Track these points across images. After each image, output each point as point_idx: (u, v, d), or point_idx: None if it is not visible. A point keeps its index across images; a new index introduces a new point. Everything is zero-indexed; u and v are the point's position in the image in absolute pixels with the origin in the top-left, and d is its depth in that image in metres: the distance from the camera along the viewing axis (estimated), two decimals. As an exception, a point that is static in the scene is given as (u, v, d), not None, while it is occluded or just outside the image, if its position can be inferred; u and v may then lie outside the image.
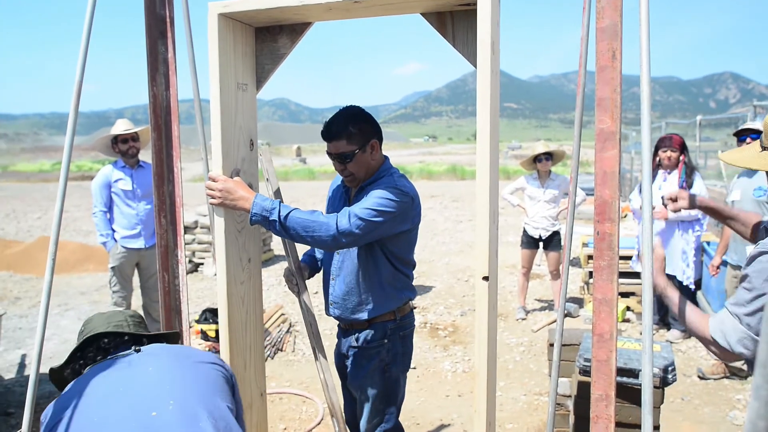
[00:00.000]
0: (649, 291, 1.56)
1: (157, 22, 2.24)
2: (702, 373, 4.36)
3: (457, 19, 1.97)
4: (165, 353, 1.76)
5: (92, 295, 7.23)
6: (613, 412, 1.86)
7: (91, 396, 1.58)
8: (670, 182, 5.12)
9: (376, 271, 2.34)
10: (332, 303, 2.42)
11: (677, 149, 5.08)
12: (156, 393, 1.57)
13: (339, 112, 2.27)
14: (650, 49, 1.54)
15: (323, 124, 2.26)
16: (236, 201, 2.01)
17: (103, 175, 4.62)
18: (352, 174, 2.28)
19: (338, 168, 2.29)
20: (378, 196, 2.14)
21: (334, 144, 2.23)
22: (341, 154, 2.23)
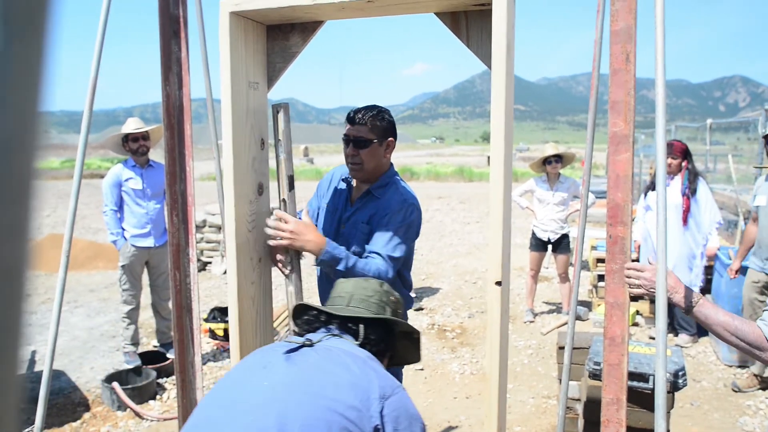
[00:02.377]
0: (663, 295, 1.55)
1: (171, 21, 2.25)
2: (737, 387, 4.25)
3: (471, 20, 1.96)
4: (310, 370, 1.42)
5: (101, 292, 7.26)
6: (624, 416, 1.85)
7: (221, 382, 1.45)
8: (672, 188, 5.10)
9: None
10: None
11: (678, 156, 5.08)
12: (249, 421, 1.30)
13: (369, 105, 2.32)
14: (665, 53, 1.54)
15: (352, 112, 2.31)
16: (305, 244, 2.07)
17: (114, 174, 4.64)
18: (362, 163, 2.29)
19: (350, 153, 2.29)
20: (399, 225, 2.22)
21: (356, 127, 2.27)
22: (360, 138, 2.27)
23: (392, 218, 2.24)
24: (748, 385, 4.24)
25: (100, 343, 5.40)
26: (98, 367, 4.81)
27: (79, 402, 4.17)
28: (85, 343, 5.41)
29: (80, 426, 3.84)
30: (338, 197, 2.44)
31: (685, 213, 5.04)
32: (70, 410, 4.05)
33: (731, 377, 4.44)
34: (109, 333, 5.67)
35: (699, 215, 5.04)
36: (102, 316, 6.23)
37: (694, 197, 5.04)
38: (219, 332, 5.23)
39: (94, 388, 4.37)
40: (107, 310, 6.45)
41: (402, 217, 2.25)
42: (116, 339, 5.43)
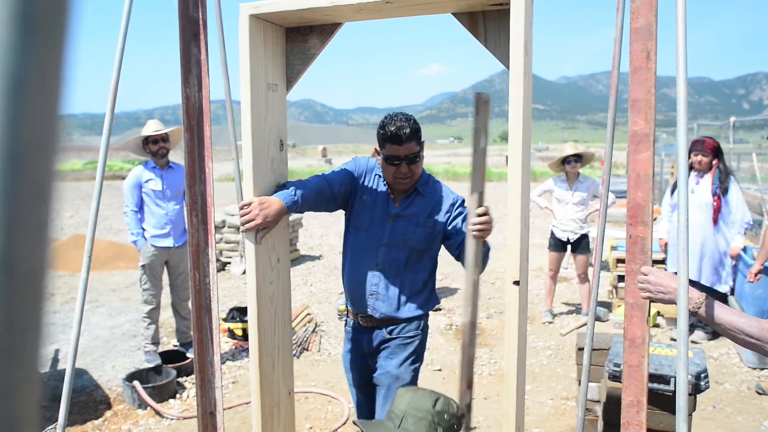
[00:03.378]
0: (685, 296, 1.53)
1: (191, 24, 2.27)
2: (761, 389, 4.18)
3: (489, 20, 1.96)
4: None
5: (122, 292, 7.36)
6: (644, 418, 1.83)
7: None
8: (702, 187, 5.00)
9: (427, 272, 2.44)
10: (374, 294, 2.39)
11: (709, 153, 4.95)
12: None
13: (397, 117, 2.29)
14: (686, 50, 1.52)
15: (387, 131, 2.26)
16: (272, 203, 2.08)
17: (134, 175, 4.70)
18: (412, 176, 2.33)
19: (402, 171, 2.29)
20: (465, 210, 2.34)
21: (406, 146, 2.25)
22: (413, 155, 2.27)
23: (463, 206, 2.37)
24: None
25: (122, 342, 5.47)
26: (119, 365, 4.87)
27: (101, 400, 4.23)
28: (107, 342, 5.48)
29: (102, 424, 3.89)
30: (376, 191, 2.43)
31: (716, 213, 4.93)
32: (92, 408, 4.11)
33: (755, 379, 4.37)
34: (130, 332, 5.75)
35: (729, 215, 4.95)
36: (123, 316, 6.31)
37: (725, 197, 4.93)
38: (238, 332, 5.27)
39: (115, 386, 4.43)
40: (128, 309, 6.53)
41: (464, 202, 2.36)
42: (137, 338, 5.50)
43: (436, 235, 2.39)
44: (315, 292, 7.21)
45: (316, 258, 9.29)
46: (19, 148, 0.18)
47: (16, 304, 0.19)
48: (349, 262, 2.47)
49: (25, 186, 0.18)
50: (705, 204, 4.94)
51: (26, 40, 0.17)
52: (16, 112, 0.17)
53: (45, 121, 0.18)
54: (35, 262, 0.19)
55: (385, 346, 2.44)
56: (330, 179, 2.37)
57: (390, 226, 2.37)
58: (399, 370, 2.41)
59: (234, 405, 4.12)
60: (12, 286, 0.19)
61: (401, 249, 2.36)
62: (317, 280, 7.78)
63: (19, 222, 0.18)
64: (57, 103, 0.19)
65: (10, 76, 0.17)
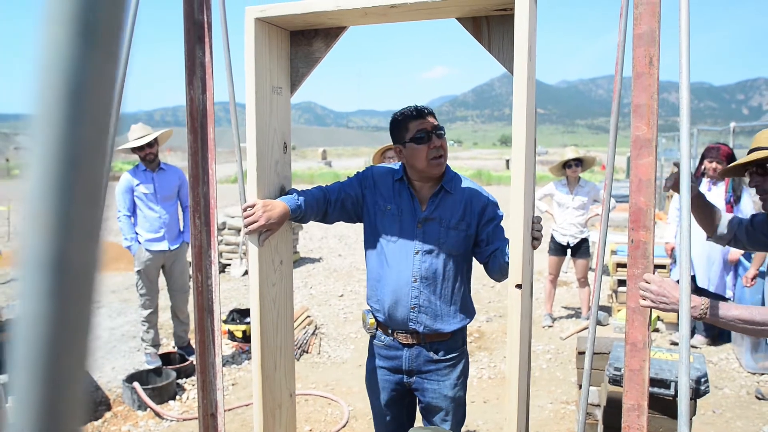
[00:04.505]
0: (687, 300, 1.54)
1: (196, 27, 2.28)
2: (760, 394, 4.18)
3: (493, 24, 1.97)
4: None
5: (122, 293, 7.36)
6: (645, 422, 1.83)
7: None
8: (715, 194, 4.99)
9: (466, 278, 2.33)
10: (415, 307, 2.24)
11: (724, 161, 4.93)
12: None
13: (407, 106, 2.25)
14: (689, 56, 1.53)
15: (406, 112, 2.21)
16: (276, 206, 2.09)
17: (125, 180, 4.66)
18: (444, 152, 2.22)
19: (435, 145, 2.17)
20: (501, 213, 2.29)
21: (430, 118, 2.20)
22: (439, 126, 2.20)
23: (495, 209, 2.28)
24: None
25: (121, 344, 5.47)
26: (119, 367, 4.88)
27: (100, 401, 4.23)
28: (107, 344, 5.48)
29: (102, 425, 3.90)
30: (398, 198, 2.28)
31: None
32: (91, 409, 4.11)
33: (755, 384, 4.38)
34: (130, 333, 5.75)
35: None
36: (123, 317, 6.32)
37: (738, 205, 4.93)
38: (238, 334, 5.27)
39: (115, 387, 4.43)
40: (128, 311, 6.54)
41: (496, 203, 2.31)
42: (137, 339, 5.50)
43: (470, 239, 2.25)
44: (315, 294, 7.22)
45: (316, 260, 9.30)
46: (78, 151, 0.18)
47: (68, 303, 0.20)
48: (382, 276, 2.29)
49: (81, 188, 0.19)
50: None
51: (86, 49, 0.18)
52: (76, 117, 0.18)
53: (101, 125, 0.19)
54: (88, 261, 0.20)
55: (433, 368, 2.32)
56: (328, 188, 2.32)
57: (420, 231, 2.23)
58: (454, 391, 2.35)
59: (234, 407, 4.12)
60: (65, 285, 0.20)
61: (436, 255, 2.22)
62: (317, 283, 7.79)
63: (74, 223, 0.19)
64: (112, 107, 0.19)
65: (71, 83, 0.18)
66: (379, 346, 2.39)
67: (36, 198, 0.19)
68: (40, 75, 0.18)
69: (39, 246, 0.19)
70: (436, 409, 2.37)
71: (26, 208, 0.19)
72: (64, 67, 0.18)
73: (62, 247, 0.19)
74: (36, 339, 0.20)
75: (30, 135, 0.18)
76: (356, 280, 7.82)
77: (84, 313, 0.21)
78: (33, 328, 0.20)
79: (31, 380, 0.21)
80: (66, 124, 0.18)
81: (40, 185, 0.19)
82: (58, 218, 0.19)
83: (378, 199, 2.30)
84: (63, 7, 0.18)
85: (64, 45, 0.18)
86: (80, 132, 0.18)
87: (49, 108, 0.18)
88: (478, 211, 2.24)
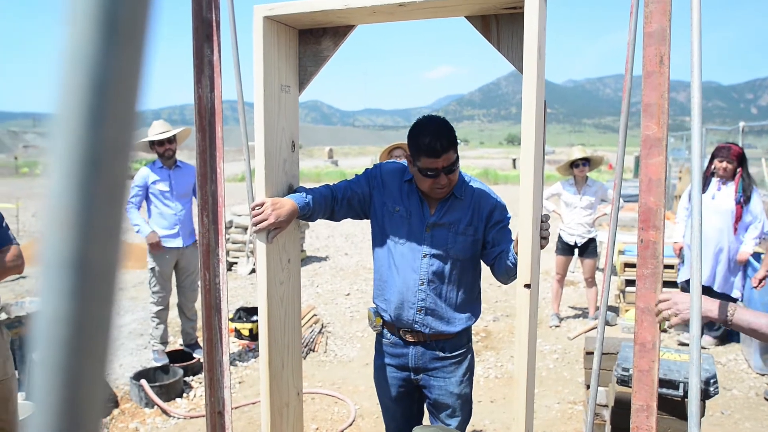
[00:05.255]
0: (698, 300, 1.53)
1: (204, 25, 2.28)
2: None
3: (502, 23, 1.96)
4: None
5: (130, 291, 7.39)
6: (654, 423, 1.82)
7: None
8: (724, 193, 4.97)
9: (474, 280, 2.34)
10: (422, 309, 2.25)
11: (734, 160, 4.92)
12: None
13: (431, 125, 2.11)
14: (701, 55, 1.52)
15: (422, 143, 2.07)
16: (285, 204, 2.09)
17: (141, 176, 4.68)
18: (450, 184, 2.18)
19: (440, 183, 2.13)
20: (508, 216, 2.28)
21: (445, 158, 2.08)
22: (451, 165, 2.11)
23: (503, 212, 2.27)
24: None
25: (129, 341, 5.49)
26: (127, 364, 4.90)
27: (108, 398, 4.25)
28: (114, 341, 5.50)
29: (109, 422, 3.91)
30: (407, 200, 2.27)
31: (737, 221, 4.91)
32: (99, 406, 4.13)
33: (764, 386, 4.35)
34: (137, 331, 5.77)
35: (749, 224, 4.93)
36: (130, 315, 6.34)
37: (747, 206, 4.91)
38: (245, 332, 5.28)
39: (122, 384, 4.45)
40: (135, 308, 6.56)
41: (504, 206, 2.30)
42: (144, 337, 5.52)
43: (478, 243, 2.25)
44: (321, 293, 7.22)
45: (323, 259, 9.30)
46: (100, 150, 0.18)
47: (88, 303, 0.20)
48: (390, 276, 2.30)
49: (103, 187, 0.19)
50: (727, 211, 4.92)
51: (110, 45, 0.18)
52: (99, 115, 0.18)
53: (124, 123, 0.19)
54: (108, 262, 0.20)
55: (439, 365, 2.34)
56: (335, 186, 2.32)
57: (428, 236, 2.22)
58: (460, 388, 2.37)
59: (241, 405, 4.13)
60: (86, 285, 0.20)
61: (444, 259, 2.22)
62: (324, 281, 7.80)
63: (94, 222, 0.19)
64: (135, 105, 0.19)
65: (94, 81, 0.18)
66: (385, 343, 2.42)
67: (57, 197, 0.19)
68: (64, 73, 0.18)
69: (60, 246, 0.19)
70: (442, 406, 2.40)
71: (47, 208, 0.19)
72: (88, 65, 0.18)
73: (83, 247, 0.19)
74: (57, 339, 0.20)
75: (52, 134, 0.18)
76: (363, 278, 7.83)
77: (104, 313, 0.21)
78: (54, 328, 0.19)
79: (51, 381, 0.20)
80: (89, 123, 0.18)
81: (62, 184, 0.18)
82: (80, 218, 0.18)
83: (386, 200, 2.29)
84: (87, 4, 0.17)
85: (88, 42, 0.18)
86: (103, 131, 0.18)
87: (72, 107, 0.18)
88: (486, 215, 2.24)
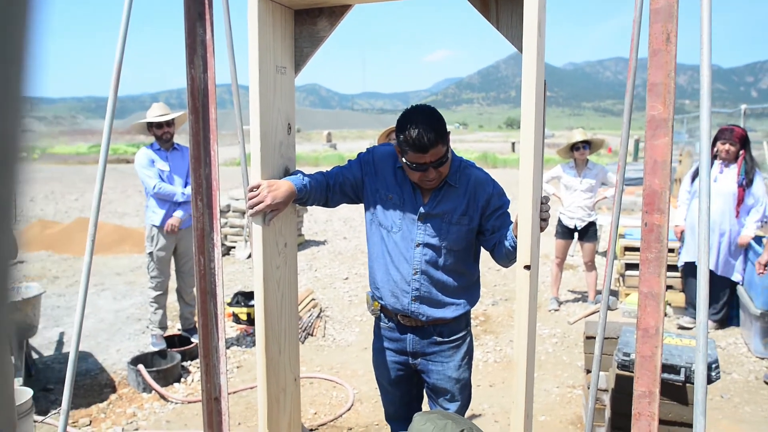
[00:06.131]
0: (705, 287, 1.49)
1: (196, 3, 2.22)
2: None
3: (501, 2, 1.91)
4: None
5: (127, 275, 7.36)
6: (656, 409, 1.80)
7: None
8: (726, 176, 4.93)
9: (470, 266, 2.30)
10: (417, 298, 2.22)
11: (737, 142, 4.87)
12: None
13: (419, 117, 2.01)
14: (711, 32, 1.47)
15: (408, 137, 1.99)
16: (281, 185, 2.05)
17: (145, 154, 4.60)
18: (440, 176, 2.12)
19: (429, 176, 2.07)
20: (506, 200, 2.24)
21: (432, 152, 2.00)
22: (440, 159, 2.05)
23: (501, 198, 2.22)
24: None
25: (126, 326, 5.47)
26: (124, 349, 4.88)
27: (105, 383, 4.23)
28: (112, 326, 5.48)
29: (107, 407, 3.90)
30: (400, 187, 2.21)
31: (739, 204, 4.88)
32: (96, 391, 4.12)
33: (763, 369, 4.34)
34: (135, 316, 5.75)
35: (751, 207, 4.90)
36: (128, 299, 6.32)
37: (749, 189, 4.87)
38: (242, 316, 5.26)
39: (120, 369, 4.44)
40: (133, 293, 6.54)
41: (501, 191, 2.25)
42: (142, 322, 5.50)
43: (473, 231, 2.21)
44: (320, 277, 7.20)
45: (321, 243, 9.27)
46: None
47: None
48: (383, 264, 2.26)
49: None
50: (729, 194, 4.89)
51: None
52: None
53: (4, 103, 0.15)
54: None
55: (437, 350, 2.32)
56: (328, 173, 2.26)
57: (422, 225, 2.18)
58: (459, 372, 2.35)
59: (239, 389, 4.11)
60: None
61: (437, 248, 2.18)
62: (322, 266, 7.77)
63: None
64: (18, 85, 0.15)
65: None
66: (383, 327, 2.41)
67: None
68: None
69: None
70: (441, 391, 2.38)
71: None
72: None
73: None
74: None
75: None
76: (361, 263, 7.80)
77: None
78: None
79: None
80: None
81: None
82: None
83: (379, 186, 2.24)
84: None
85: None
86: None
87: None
88: (482, 204, 2.19)
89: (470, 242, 2.24)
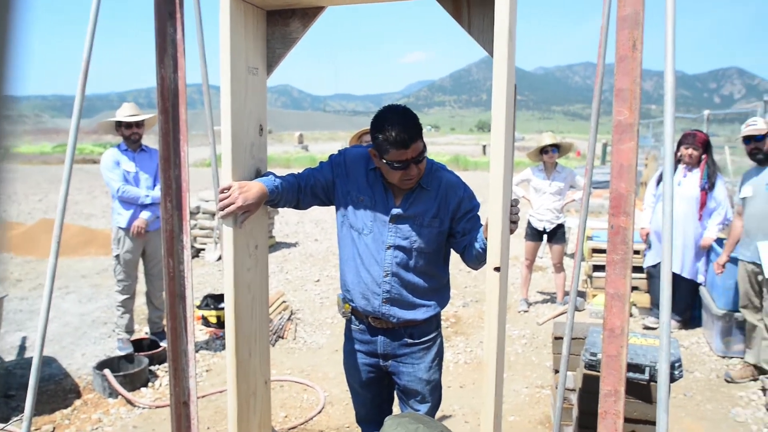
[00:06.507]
0: (668, 287, 1.53)
1: (166, 2, 2.19)
2: (729, 377, 4.24)
3: (473, 5, 1.93)
4: None
5: (93, 278, 7.21)
6: (622, 407, 1.83)
7: None
8: (689, 180, 5.06)
9: (440, 269, 2.30)
10: (387, 300, 2.23)
11: (700, 147, 5.01)
12: None
13: (395, 116, 2.04)
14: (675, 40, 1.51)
15: (389, 136, 2.00)
16: (252, 187, 2.05)
17: (111, 156, 4.53)
18: (420, 173, 2.13)
19: (410, 174, 2.08)
20: (476, 203, 2.26)
21: (413, 147, 2.03)
22: (419, 155, 2.06)
23: (471, 201, 2.24)
24: (741, 375, 4.24)
25: (92, 330, 5.36)
26: (90, 353, 4.78)
27: (70, 389, 4.14)
28: (77, 330, 5.37)
29: (71, 413, 3.81)
30: (371, 189, 2.21)
31: (702, 207, 5.01)
32: (61, 397, 4.02)
33: (724, 368, 4.46)
34: (101, 319, 5.64)
35: (713, 210, 5.04)
36: (94, 303, 6.19)
37: (711, 192, 5.00)
38: (212, 319, 5.20)
39: (85, 374, 4.34)
40: (99, 296, 6.41)
41: (472, 195, 2.27)
42: (108, 325, 5.40)
43: (443, 234, 2.22)
44: (291, 279, 7.16)
45: (292, 245, 9.22)
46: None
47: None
48: (353, 267, 2.27)
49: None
50: (691, 197, 5.02)
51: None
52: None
53: None
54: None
55: (408, 351, 2.32)
56: (299, 175, 2.26)
57: (393, 227, 2.19)
58: (429, 374, 2.36)
59: (208, 393, 4.07)
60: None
61: (409, 250, 2.19)
62: (293, 268, 7.73)
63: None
64: None
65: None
66: (354, 330, 2.41)
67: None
68: None
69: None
70: (412, 392, 2.39)
71: None
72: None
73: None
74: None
75: None
76: (332, 265, 7.78)
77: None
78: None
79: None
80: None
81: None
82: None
83: (350, 188, 2.24)
84: None
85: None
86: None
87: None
88: (453, 207, 2.21)
89: (441, 245, 2.25)
